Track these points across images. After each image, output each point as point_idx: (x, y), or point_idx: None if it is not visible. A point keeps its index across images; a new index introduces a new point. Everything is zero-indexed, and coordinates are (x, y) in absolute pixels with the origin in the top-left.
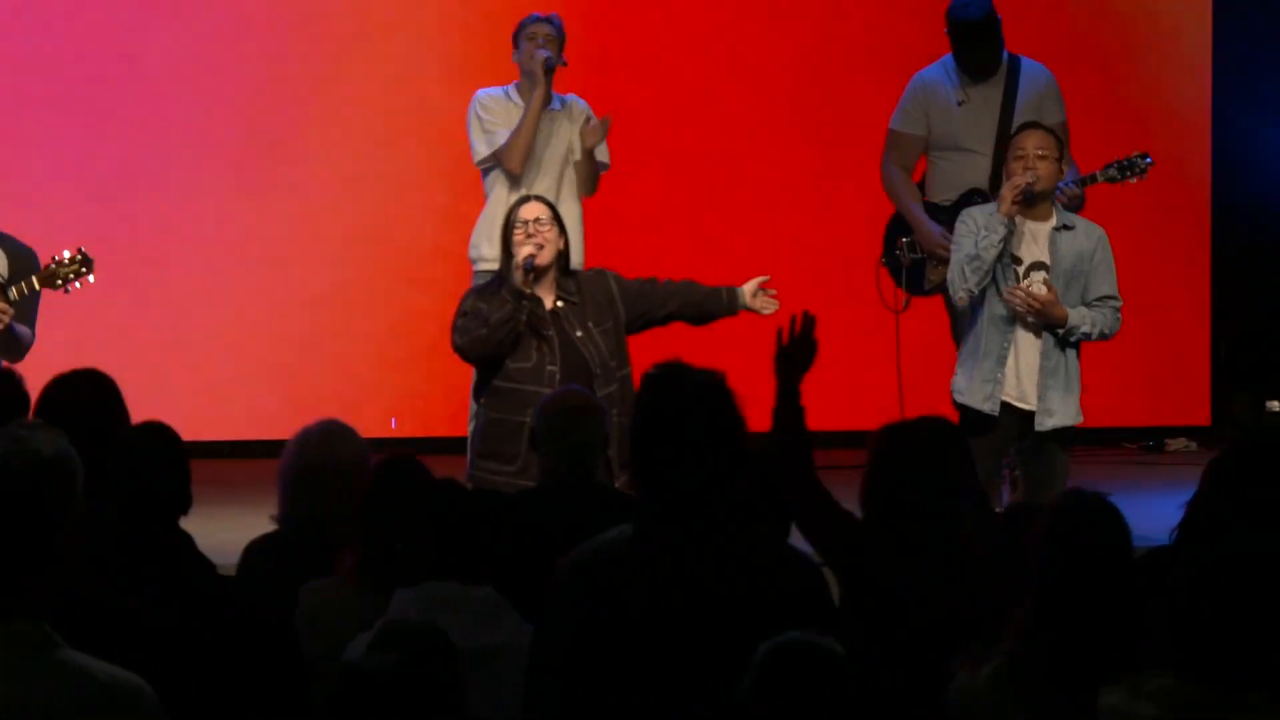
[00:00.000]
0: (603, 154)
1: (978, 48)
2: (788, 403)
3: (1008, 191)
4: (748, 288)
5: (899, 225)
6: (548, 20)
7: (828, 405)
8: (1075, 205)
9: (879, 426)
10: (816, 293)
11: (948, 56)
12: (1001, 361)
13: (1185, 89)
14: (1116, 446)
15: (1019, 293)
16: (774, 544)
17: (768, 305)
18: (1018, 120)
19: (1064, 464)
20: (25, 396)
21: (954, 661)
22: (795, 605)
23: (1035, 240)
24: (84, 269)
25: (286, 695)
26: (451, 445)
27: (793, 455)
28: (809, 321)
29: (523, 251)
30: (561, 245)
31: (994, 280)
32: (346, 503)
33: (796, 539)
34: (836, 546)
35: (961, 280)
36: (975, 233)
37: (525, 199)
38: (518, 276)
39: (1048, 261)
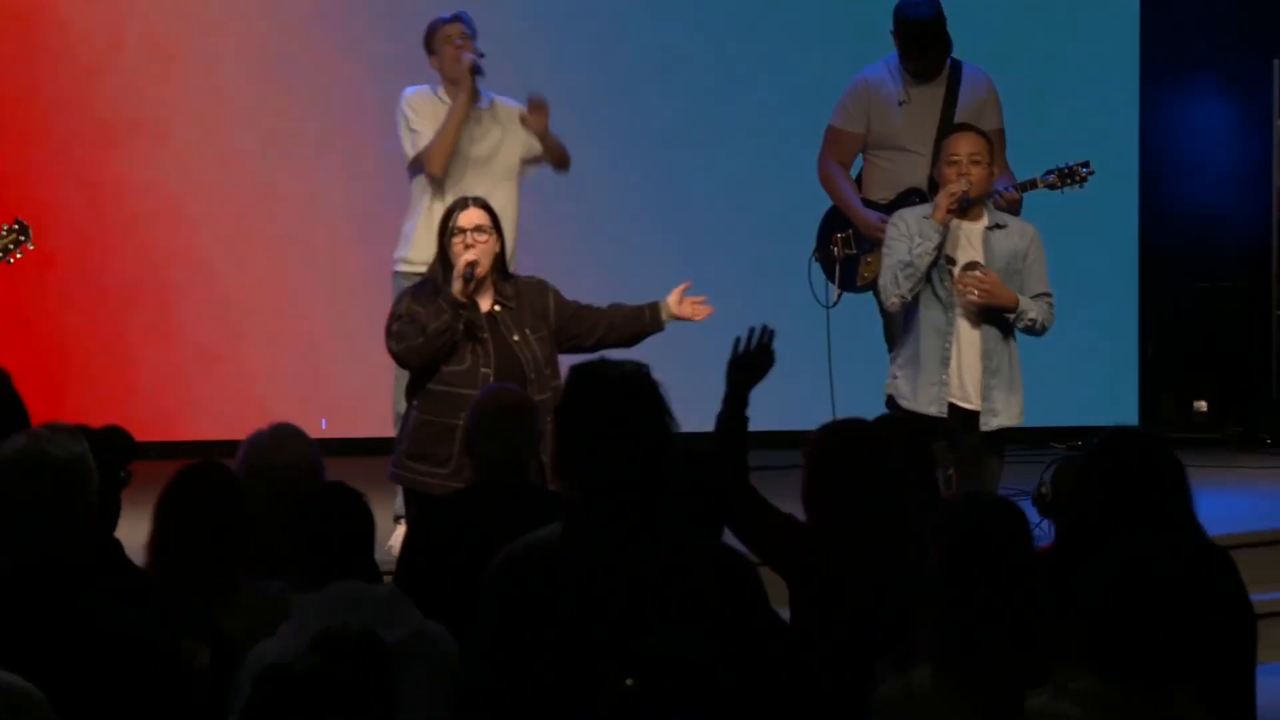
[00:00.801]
0: (535, 147)
1: (929, 47)
2: (734, 410)
3: (944, 199)
4: (671, 298)
5: (833, 221)
6: (457, 18)
7: (758, 405)
8: (1013, 210)
9: (820, 426)
10: (742, 291)
11: (891, 55)
12: (945, 363)
13: (1112, 92)
14: (1045, 446)
15: (969, 277)
16: (706, 542)
17: (698, 311)
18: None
19: (995, 466)
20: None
21: (879, 663)
22: (727, 603)
23: (969, 241)
24: (22, 237)
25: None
26: (382, 446)
27: (732, 461)
28: (768, 334)
29: (463, 261)
30: (498, 249)
31: (929, 284)
32: (294, 505)
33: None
34: (780, 550)
35: (894, 286)
36: (909, 237)
37: (465, 203)
38: (457, 286)
39: (982, 261)
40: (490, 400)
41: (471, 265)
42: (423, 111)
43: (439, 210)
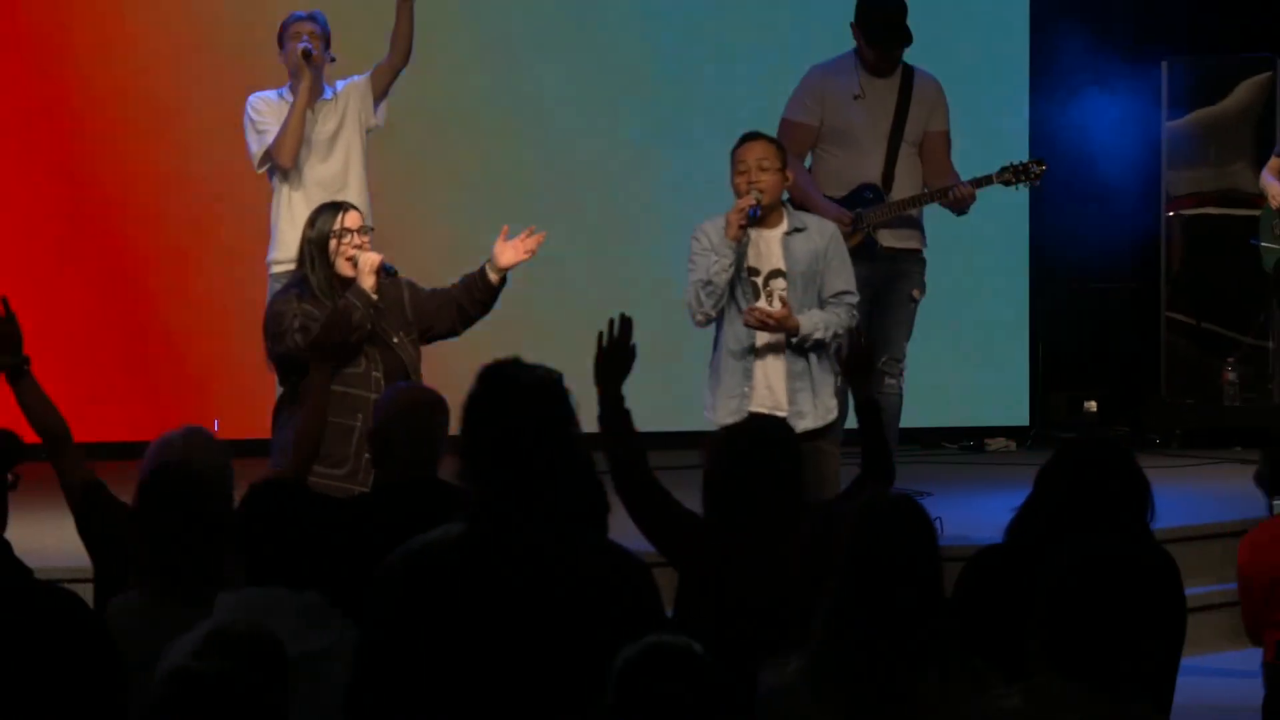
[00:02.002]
0: (379, 116)
1: (892, 29)
2: (612, 406)
3: (733, 216)
4: (495, 249)
5: None
6: (310, 17)
7: (679, 407)
8: (965, 205)
9: (721, 426)
10: (645, 295)
11: (848, 51)
12: (748, 375)
13: (1002, 94)
14: (937, 447)
15: (755, 312)
16: (602, 544)
17: (525, 246)
18: (911, 121)
19: (832, 460)
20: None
21: (768, 661)
22: (623, 605)
23: (769, 248)
24: None
25: (102, 703)
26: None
27: (625, 458)
28: (626, 324)
29: (372, 257)
30: None
31: (731, 298)
32: (205, 508)
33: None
34: (679, 545)
35: (698, 305)
36: (709, 251)
37: (344, 207)
38: (371, 282)
39: (784, 268)
40: (410, 398)
41: (388, 262)
42: (266, 112)
43: (298, 202)
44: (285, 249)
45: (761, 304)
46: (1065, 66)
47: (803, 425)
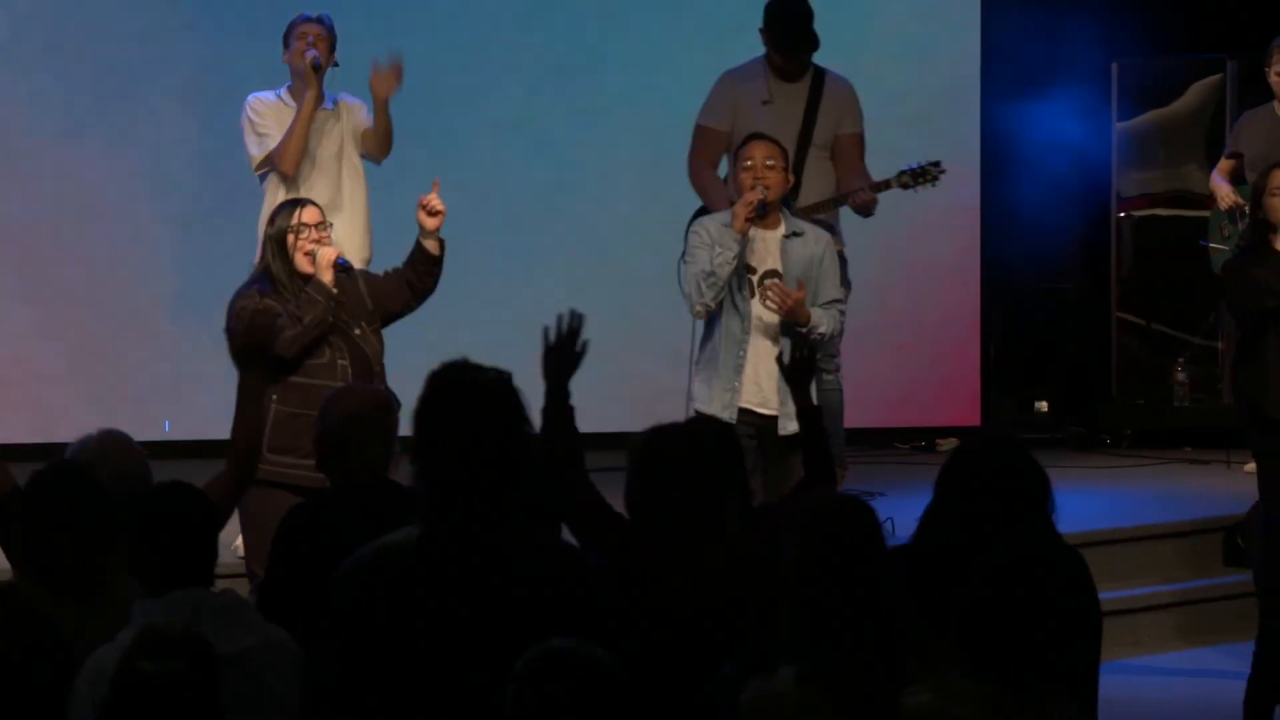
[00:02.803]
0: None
1: (798, 35)
2: (557, 402)
3: (740, 208)
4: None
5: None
6: (318, 20)
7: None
8: (868, 209)
9: (645, 428)
10: (606, 297)
11: (759, 56)
12: (739, 371)
13: (954, 96)
14: (889, 447)
15: (776, 287)
16: (555, 545)
17: (431, 204)
18: (819, 125)
19: (797, 468)
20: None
21: (727, 664)
22: (576, 605)
23: (767, 249)
24: None
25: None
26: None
27: (563, 455)
28: (576, 319)
29: (329, 252)
30: None
31: (729, 293)
32: (123, 510)
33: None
34: (606, 547)
35: (698, 295)
36: (709, 245)
37: (302, 203)
38: (329, 276)
39: (780, 269)
40: (362, 399)
41: (344, 258)
42: (267, 115)
43: None
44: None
45: (754, 305)
46: (1016, 67)
47: (791, 428)
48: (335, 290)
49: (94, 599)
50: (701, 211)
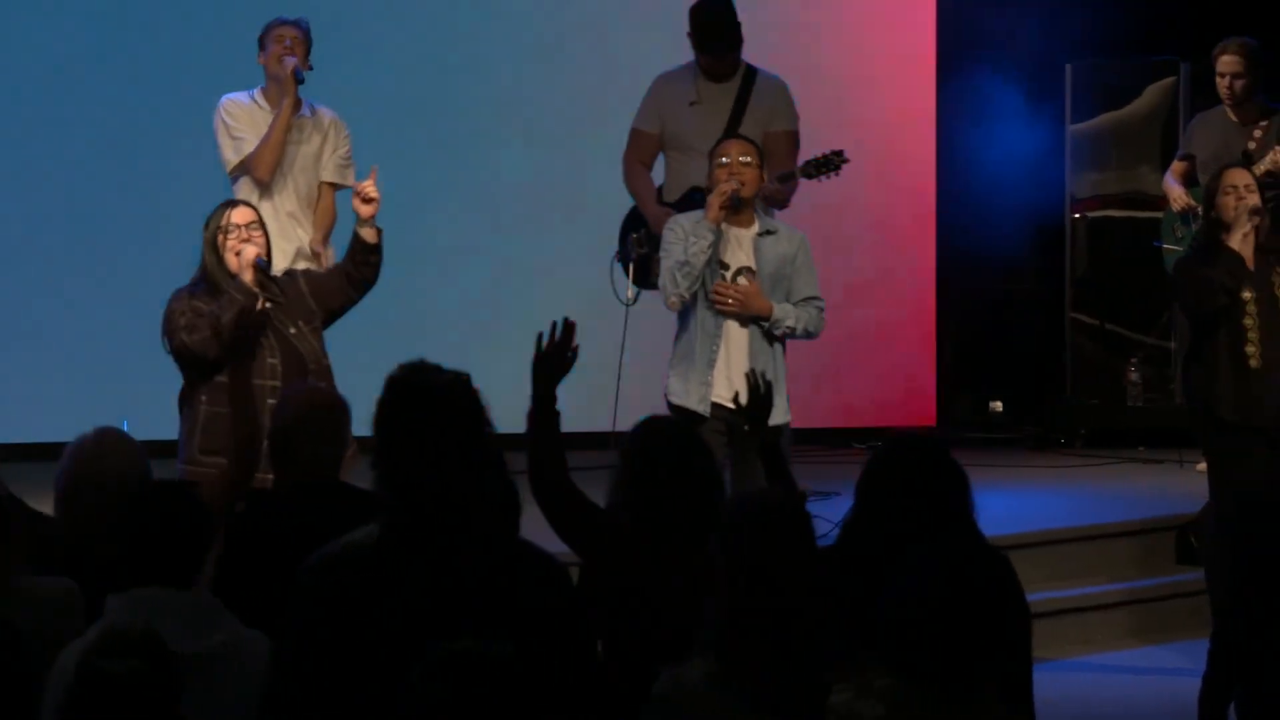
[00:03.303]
0: (345, 176)
1: (719, 34)
2: (544, 407)
3: (715, 199)
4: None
5: (633, 220)
6: (295, 23)
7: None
8: (778, 200)
9: (637, 422)
10: (555, 294)
11: (691, 60)
12: (711, 365)
13: (909, 99)
14: (846, 447)
15: (721, 287)
16: (520, 545)
17: (367, 191)
18: (746, 124)
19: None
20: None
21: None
22: (536, 601)
23: (740, 246)
24: None
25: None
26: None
27: (546, 458)
28: (569, 328)
29: (249, 251)
30: (267, 249)
31: (703, 286)
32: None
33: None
34: (592, 544)
35: (673, 286)
36: (684, 239)
37: (234, 203)
38: (248, 275)
39: (753, 266)
40: (310, 399)
41: (260, 255)
42: (241, 119)
43: (266, 214)
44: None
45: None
46: (971, 69)
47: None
48: (257, 289)
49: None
50: (635, 213)
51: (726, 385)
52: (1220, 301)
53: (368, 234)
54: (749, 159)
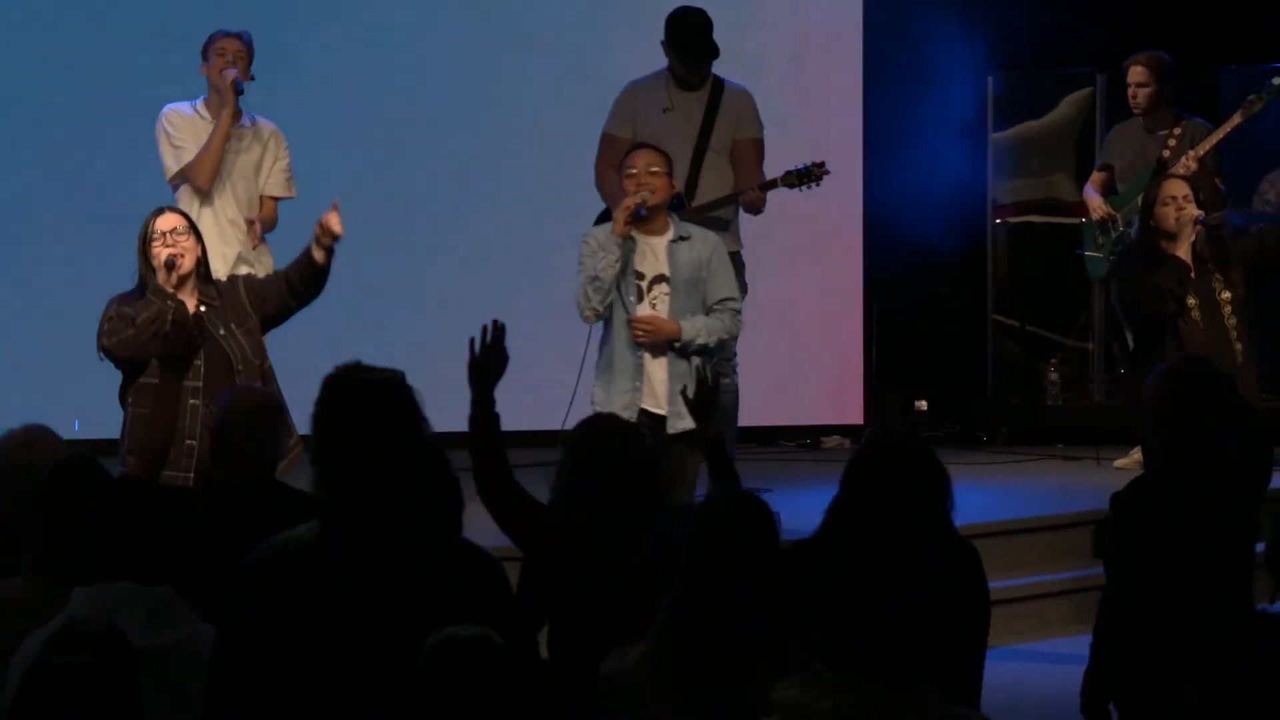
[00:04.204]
0: (289, 189)
1: (699, 44)
2: (482, 410)
3: (620, 214)
4: (318, 230)
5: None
6: (238, 36)
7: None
8: (755, 207)
9: (579, 421)
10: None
11: (663, 67)
12: (639, 372)
13: (836, 110)
14: (775, 444)
15: (634, 323)
16: (453, 539)
17: (330, 222)
18: (717, 131)
19: (696, 462)
20: None
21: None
22: (474, 597)
23: (655, 254)
24: None
25: None
26: None
27: (489, 457)
28: (499, 330)
29: (163, 254)
30: (200, 253)
31: (619, 296)
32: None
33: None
34: (534, 538)
35: (585, 301)
36: (595, 252)
37: (160, 210)
38: (161, 276)
39: (668, 274)
40: (242, 401)
41: (173, 256)
42: (182, 128)
43: (207, 220)
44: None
45: (641, 309)
46: (897, 80)
47: (681, 425)
48: (171, 289)
49: None
50: (604, 216)
51: (650, 393)
52: (1169, 308)
53: (319, 256)
54: (657, 168)
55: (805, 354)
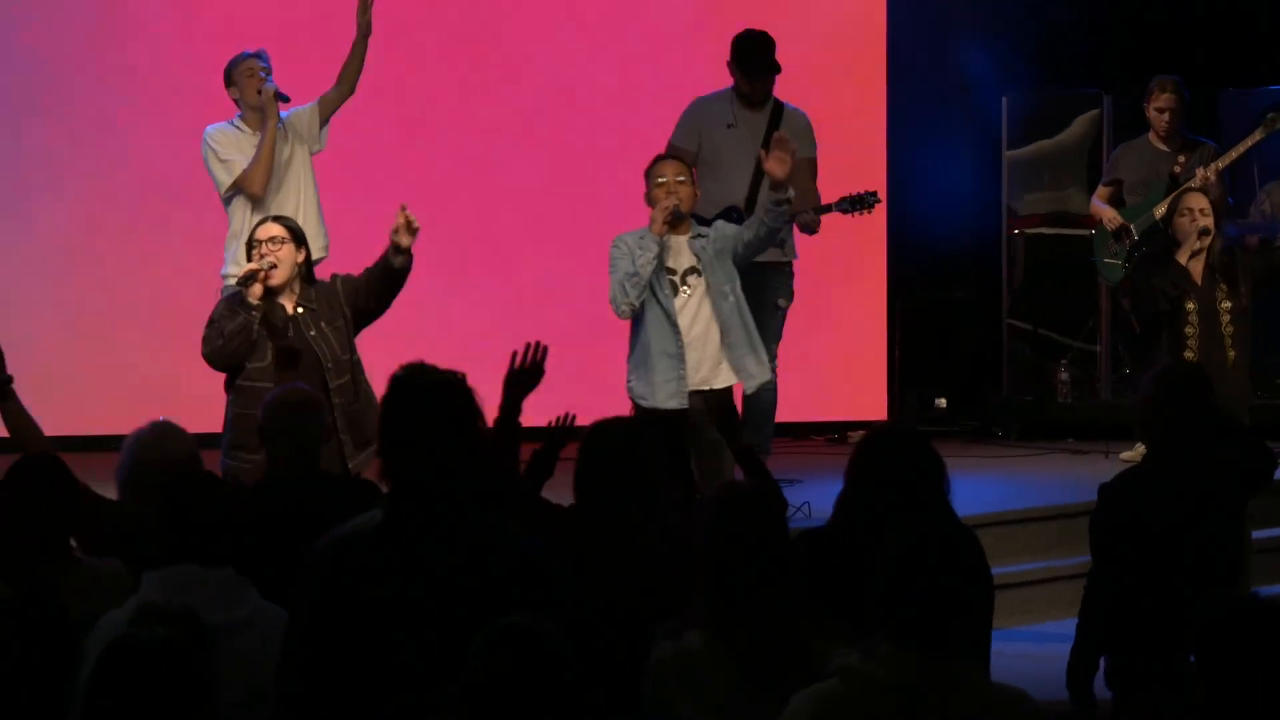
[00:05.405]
0: (322, 141)
1: (765, 61)
2: (509, 416)
3: (658, 214)
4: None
5: None
6: (257, 55)
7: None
8: (812, 228)
9: (592, 423)
10: (557, 308)
11: (728, 87)
12: (680, 359)
13: (862, 128)
14: (806, 439)
15: (779, 145)
16: (502, 528)
17: (405, 219)
18: None
19: (732, 458)
20: None
21: (657, 630)
22: (521, 585)
23: (681, 251)
24: None
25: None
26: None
27: (510, 459)
28: (541, 351)
29: (247, 268)
30: (300, 259)
31: (652, 291)
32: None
33: None
34: (544, 532)
35: (623, 296)
36: (628, 254)
37: (264, 220)
38: (249, 288)
39: (699, 266)
40: (278, 399)
41: (254, 271)
42: (226, 144)
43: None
44: (241, 264)
45: (678, 300)
46: (919, 102)
47: (754, 383)
48: (257, 300)
49: (53, 574)
50: None
51: (696, 373)
52: (1161, 306)
53: (399, 261)
54: (684, 178)
55: (835, 355)
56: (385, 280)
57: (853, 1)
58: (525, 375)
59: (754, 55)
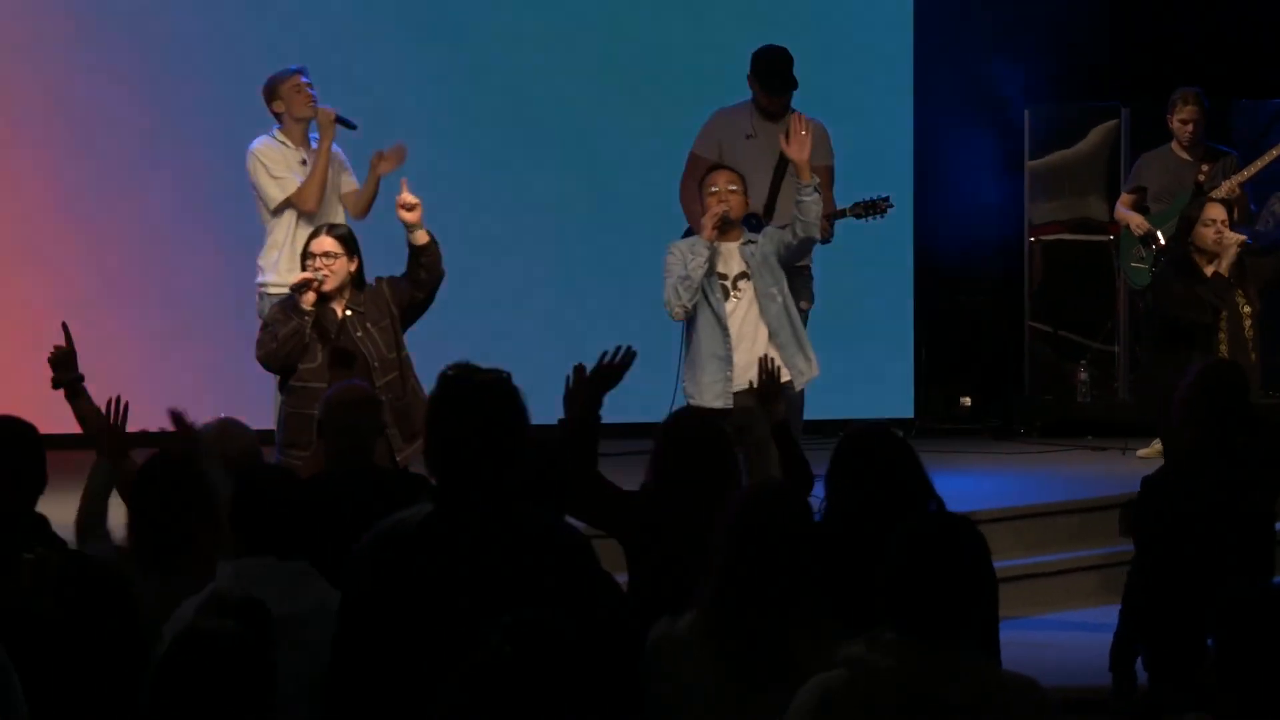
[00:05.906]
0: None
1: (783, 77)
2: (588, 412)
3: (709, 220)
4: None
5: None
6: (301, 71)
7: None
8: (825, 236)
9: (671, 412)
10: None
11: (748, 99)
12: (729, 363)
13: (890, 137)
14: (834, 436)
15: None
16: (548, 520)
17: (407, 201)
18: None
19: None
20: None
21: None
22: (567, 573)
23: (731, 257)
24: None
25: (129, 663)
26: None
27: (584, 453)
28: (629, 356)
29: (297, 278)
30: (353, 268)
31: (704, 295)
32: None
33: None
34: (621, 522)
35: (676, 299)
36: (683, 259)
37: (319, 231)
38: (299, 297)
39: (749, 271)
40: (336, 397)
41: (304, 283)
42: (276, 160)
43: (303, 237)
44: (278, 274)
45: (729, 304)
46: (943, 114)
47: (803, 380)
48: (308, 308)
49: (184, 571)
50: (688, 234)
51: (743, 373)
52: (1207, 318)
53: (417, 238)
54: (735, 187)
55: (863, 356)
56: (414, 264)
57: (881, 17)
58: (609, 373)
59: (773, 71)
